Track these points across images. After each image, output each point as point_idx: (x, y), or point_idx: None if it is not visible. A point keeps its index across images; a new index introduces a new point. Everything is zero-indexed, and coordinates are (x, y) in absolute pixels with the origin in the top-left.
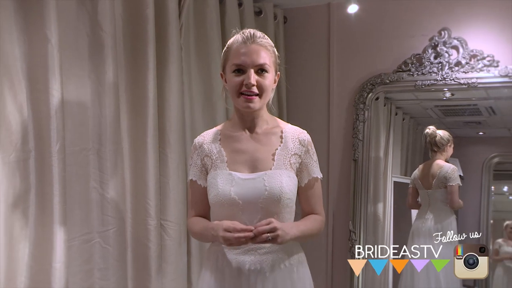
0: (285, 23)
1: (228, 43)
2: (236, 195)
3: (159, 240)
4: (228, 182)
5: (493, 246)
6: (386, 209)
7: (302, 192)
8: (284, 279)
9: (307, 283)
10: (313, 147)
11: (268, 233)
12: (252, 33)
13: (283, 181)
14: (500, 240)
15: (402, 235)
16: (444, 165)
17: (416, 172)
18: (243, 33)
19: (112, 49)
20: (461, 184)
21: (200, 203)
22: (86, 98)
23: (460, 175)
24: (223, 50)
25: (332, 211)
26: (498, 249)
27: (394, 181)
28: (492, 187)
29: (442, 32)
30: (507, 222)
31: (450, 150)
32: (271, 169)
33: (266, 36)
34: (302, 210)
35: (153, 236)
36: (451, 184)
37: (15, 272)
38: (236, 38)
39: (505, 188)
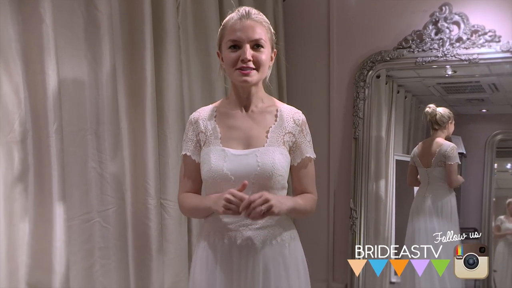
0: (284, 1)
1: (223, 21)
2: (229, 171)
3: (159, 219)
4: (221, 158)
5: (495, 223)
6: (388, 187)
7: (295, 171)
8: (275, 255)
9: (299, 258)
10: (307, 127)
11: (261, 205)
12: (247, 10)
13: (276, 158)
14: (502, 217)
15: (405, 212)
16: (443, 143)
17: (416, 150)
18: (238, 10)
19: (108, 28)
20: (460, 163)
21: (192, 178)
22: (83, 78)
23: (463, 153)
24: (219, 29)
25: (333, 190)
26: (500, 225)
27: (396, 159)
28: (495, 165)
29: (443, 8)
30: (509, 199)
31: (451, 127)
32: (264, 146)
33: (261, 13)
34: (294, 190)
35: (153, 215)
36: (450, 163)
37: (15, 251)
38: (231, 16)
39: (508, 165)
